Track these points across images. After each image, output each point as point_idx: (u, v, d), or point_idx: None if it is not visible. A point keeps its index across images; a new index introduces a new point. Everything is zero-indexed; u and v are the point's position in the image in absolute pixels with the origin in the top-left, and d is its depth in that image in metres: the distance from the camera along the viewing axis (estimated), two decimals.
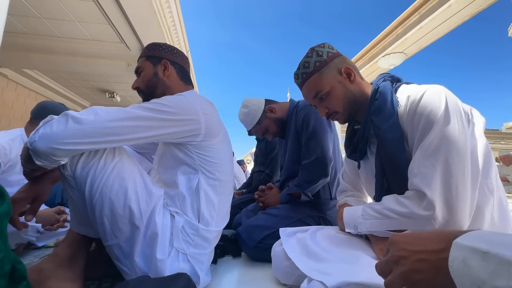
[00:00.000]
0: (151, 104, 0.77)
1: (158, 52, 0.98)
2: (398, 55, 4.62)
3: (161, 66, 0.96)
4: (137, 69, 0.98)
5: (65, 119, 0.67)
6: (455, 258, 0.26)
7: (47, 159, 0.66)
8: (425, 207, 0.63)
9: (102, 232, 0.73)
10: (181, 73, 1.00)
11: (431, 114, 0.67)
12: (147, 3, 2.83)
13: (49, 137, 0.64)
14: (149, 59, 0.97)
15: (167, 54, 0.98)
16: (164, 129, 0.76)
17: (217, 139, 0.88)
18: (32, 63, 3.96)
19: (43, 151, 0.64)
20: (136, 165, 0.80)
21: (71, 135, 0.65)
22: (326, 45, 0.86)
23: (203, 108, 0.84)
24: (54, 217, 1.27)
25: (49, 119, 0.68)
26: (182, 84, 0.99)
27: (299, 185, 1.27)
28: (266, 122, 1.44)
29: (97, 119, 0.69)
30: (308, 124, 1.28)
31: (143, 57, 0.98)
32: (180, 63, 1.00)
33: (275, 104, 1.47)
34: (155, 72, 0.95)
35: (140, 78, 0.97)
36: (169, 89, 0.96)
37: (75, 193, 0.73)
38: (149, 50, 0.99)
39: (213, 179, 0.86)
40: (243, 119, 1.46)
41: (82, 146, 0.67)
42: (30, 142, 0.65)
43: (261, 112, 1.43)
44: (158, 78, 0.95)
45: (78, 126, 0.66)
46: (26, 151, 0.67)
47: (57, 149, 0.64)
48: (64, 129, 0.65)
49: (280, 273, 0.88)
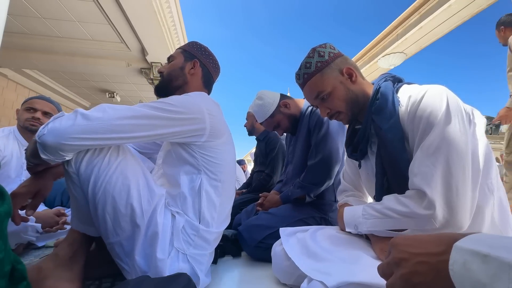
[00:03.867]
0: (157, 103, 0.78)
1: (194, 51, 1.03)
2: (398, 55, 4.62)
3: (191, 63, 1.01)
4: (170, 56, 1.03)
5: (74, 115, 0.68)
6: (455, 261, 0.26)
7: (53, 154, 0.67)
8: (426, 207, 0.63)
9: (104, 229, 0.73)
10: (205, 78, 1.04)
11: (432, 114, 0.67)
12: (147, 3, 2.83)
13: (58, 131, 0.65)
14: (184, 53, 1.02)
15: (201, 56, 1.03)
16: (170, 128, 0.77)
17: (221, 140, 0.88)
18: (32, 63, 3.96)
19: (50, 145, 0.65)
20: (139, 164, 0.81)
21: (78, 131, 0.67)
22: (327, 45, 0.86)
23: (209, 108, 0.85)
24: (54, 219, 1.27)
25: (59, 114, 0.70)
26: (201, 86, 1.03)
27: (303, 186, 1.27)
28: (279, 117, 1.43)
29: (105, 116, 0.70)
30: (321, 127, 1.28)
31: (181, 49, 1.04)
32: (209, 69, 1.05)
33: (290, 100, 1.46)
34: (182, 66, 1.00)
35: (168, 66, 1.02)
36: (186, 85, 1.00)
37: (78, 190, 0.74)
38: (188, 46, 1.05)
39: (216, 180, 0.86)
40: (256, 111, 1.45)
41: (88, 141, 0.68)
42: (39, 135, 0.66)
43: (276, 106, 1.42)
44: (183, 72, 1.00)
45: (86, 122, 0.68)
46: (33, 145, 0.68)
47: (64, 144, 0.66)
48: (72, 124, 0.67)
49: (280, 273, 0.88)
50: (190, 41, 1.07)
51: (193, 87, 1.00)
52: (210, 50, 1.07)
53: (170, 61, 1.02)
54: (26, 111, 1.48)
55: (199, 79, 1.02)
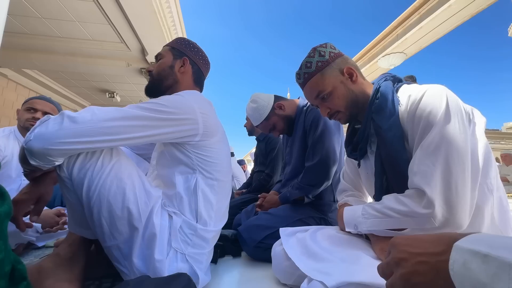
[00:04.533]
0: (148, 104, 0.77)
1: (183, 48, 1.00)
2: (398, 55, 4.62)
3: (180, 61, 0.98)
4: (158, 55, 1.00)
5: (60, 119, 0.66)
6: (455, 261, 0.26)
7: (42, 159, 0.64)
8: (425, 206, 0.63)
9: (100, 233, 0.72)
10: (196, 75, 1.01)
11: (431, 113, 0.67)
12: (147, 3, 2.83)
13: (44, 136, 0.63)
14: (172, 51, 0.99)
15: (190, 53, 1.00)
16: (162, 129, 0.76)
17: (215, 139, 0.87)
18: (32, 63, 3.96)
19: (37, 150, 0.63)
20: (133, 166, 0.79)
21: (66, 135, 0.64)
22: (328, 45, 0.86)
23: (201, 107, 0.84)
24: (54, 219, 1.27)
25: (45, 118, 0.67)
26: (192, 84, 1.00)
27: (301, 187, 1.27)
28: (274, 119, 1.42)
29: (94, 118, 0.67)
30: (317, 127, 1.27)
31: (168, 46, 1.00)
32: (199, 66, 1.02)
33: (285, 101, 1.45)
34: (172, 64, 0.97)
35: (157, 64, 0.98)
36: (177, 84, 0.97)
37: (72, 195, 0.72)
38: (176, 43, 1.01)
39: (211, 178, 0.85)
40: (251, 114, 1.44)
41: (77, 145, 0.66)
42: (26, 141, 0.63)
43: (270, 109, 1.41)
44: (172, 71, 0.97)
45: (73, 125, 0.65)
46: (21, 151, 0.66)
47: (52, 149, 0.63)
48: (59, 129, 0.64)
49: (280, 273, 0.88)
50: (177, 37, 1.03)
51: (184, 85, 0.98)
52: (198, 46, 1.03)
53: (158, 59, 0.99)
54: (27, 111, 1.48)
55: (190, 77, 0.99)
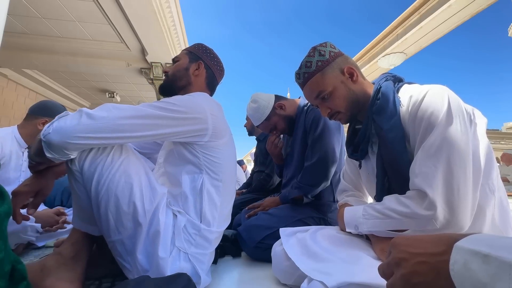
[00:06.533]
0: (160, 103, 0.79)
1: (199, 53, 1.05)
2: (398, 55, 4.62)
3: (195, 64, 1.02)
4: (175, 57, 1.05)
5: (79, 115, 0.70)
6: (456, 261, 0.26)
7: (58, 152, 0.68)
8: (427, 207, 0.63)
9: (106, 228, 0.74)
10: (209, 79, 1.05)
11: (433, 114, 0.66)
12: (147, 3, 2.83)
13: (63, 130, 0.67)
14: (189, 55, 1.04)
15: (206, 58, 1.05)
16: (172, 128, 0.78)
17: (223, 141, 0.89)
18: (32, 63, 3.96)
19: (56, 143, 0.66)
20: (141, 163, 0.82)
21: (83, 130, 0.68)
22: (328, 44, 0.86)
23: (211, 109, 0.86)
24: (54, 219, 1.27)
25: (64, 114, 0.71)
26: (204, 87, 1.04)
27: (300, 187, 1.27)
28: (275, 119, 1.41)
29: (110, 115, 0.71)
30: (317, 127, 1.27)
31: (186, 51, 1.06)
32: (213, 71, 1.06)
33: (285, 100, 1.44)
34: (187, 67, 1.02)
35: (173, 66, 1.04)
36: (190, 86, 1.01)
37: (81, 188, 0.75)
38: (194, 48, 1.07)
39: (217, 180, 0.86)
40: (252, 114, 1.44)
41: (93, 140, 0.69)
42: (44, 134, 0.67)
43: (271, 109, 1.40)
44: (187, 73, 1.01)
45: (90, 121, 0.69)
46: (38, 143, 0.69)
47: (69, 143, 0.67)
48: (77, 124, 0.68)
49: (280, 273, 0.88)
50: (195, 43, 1.09)
51: (197, 87, 1.02)
52: (215, 53, 1.08)
53: (175, 62, 1.04)
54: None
55: (203, 81, 1.03)
